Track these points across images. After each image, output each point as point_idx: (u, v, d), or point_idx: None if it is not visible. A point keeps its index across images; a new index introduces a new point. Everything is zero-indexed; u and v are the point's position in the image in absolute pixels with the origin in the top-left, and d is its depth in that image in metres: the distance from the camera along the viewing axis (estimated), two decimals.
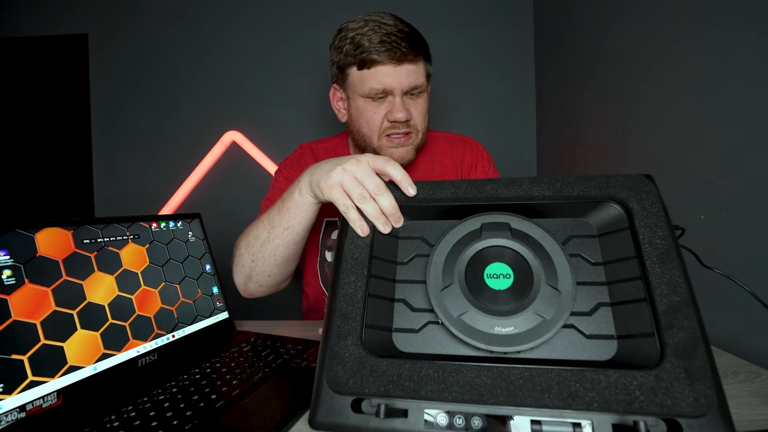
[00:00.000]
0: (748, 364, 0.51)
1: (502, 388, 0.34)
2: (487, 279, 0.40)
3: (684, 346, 0.33)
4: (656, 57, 0.80)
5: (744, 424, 0.38)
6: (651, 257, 0.37)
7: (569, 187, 0.43)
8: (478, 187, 0.45)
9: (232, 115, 1.51)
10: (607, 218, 0.42)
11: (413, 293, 0.43)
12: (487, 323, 0.38)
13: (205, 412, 0.43)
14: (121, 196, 1.54)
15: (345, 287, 0.42)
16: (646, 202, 0.40)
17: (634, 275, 0.38)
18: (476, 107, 1.48)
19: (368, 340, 0.39)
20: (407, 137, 0.74)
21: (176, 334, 0.60)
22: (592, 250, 0.42)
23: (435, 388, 0.34)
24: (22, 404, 0.41)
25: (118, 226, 0.57)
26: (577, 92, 1.16)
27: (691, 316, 0.34)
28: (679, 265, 0.37)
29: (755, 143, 0.58)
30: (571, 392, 0.32)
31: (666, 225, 0.39)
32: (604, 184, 0.42)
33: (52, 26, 1.53)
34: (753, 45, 0.58)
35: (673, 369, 0.32)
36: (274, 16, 1.49)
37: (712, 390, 0.31)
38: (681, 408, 0.30)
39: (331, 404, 0.36)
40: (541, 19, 1.40)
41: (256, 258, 0.65)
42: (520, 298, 0.39)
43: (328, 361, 0.38)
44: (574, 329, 0.38)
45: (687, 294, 0.35)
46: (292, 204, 0.59)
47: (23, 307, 0.43)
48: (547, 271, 0.39)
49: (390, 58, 0.68)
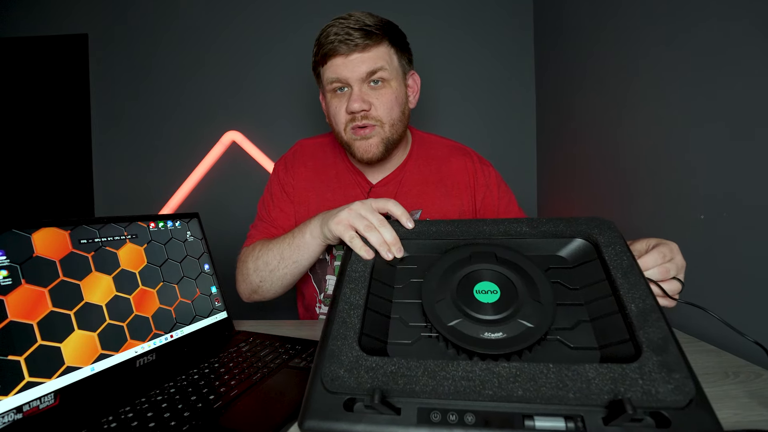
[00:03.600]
0: (748, 364, 0.51)
1: (492, 382, 0.35)
2: (476, 294, 0.44)
3: (657, 343, 0.36)
4: (656, 56, 0.80)
5: (744, 424, 0.38)
6: (618, 276, 0.43)
7: (544, 225, 0.51)
8: (466, 225, 0.53)
9: (232, 115, 1.51)
10: (576, 252, 0.49)
11: (408, 311, 0.46)
12: (477, 330, 0.40)
13: (203, 413, 0.42)
14: (121, 196, 1.54)
15: (345, 298, 0.45)
16: (609, 235, 0.48)
17: (606, 293, 0.43)
18: (476, 107, 1.48)
19: (365, 346, 0.40)
20: (371, 128, 0.72)
21: (174, 335, 0.60)
22: (568, 279, 0.47)
23: (427, 383, 0.35)
24: (19, 405, 0.41)
25: (115, 226, 0.57)
26: (577, 92, 1.16)
27: (659, 318, 0.38)
28: (641, 279, 0.42)
29: (755, 143, 0.58)
30: (560, 385, 0.34)
31: (627, 251, 0.45)
32: (573, 224, 0.50)
33: (52, 26, 1.53)
34: (753, 44, 0.58)
35: (650, 361, 0.34)
36: (273, 16, 1.49)
37: (689, 379, 0.33)
38: (661, 395, 0.32)
39: (322, 404, 0.36)
40: (541, 19, 1.40)
41: (264, 280, 0.72)
42: (506, 309, 0.42)
43: (325, 361, 0.38)
44: (559, 342, 0.41)
45: (652, 301, 0.40)
46: (302, 243, 0.66)
47: (20, 307, 0.43)
48: (529, 289, 0.43)
49: (341, 49, 0.69)
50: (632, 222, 0.91)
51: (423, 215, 0.80)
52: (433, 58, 1.46)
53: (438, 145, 0.87)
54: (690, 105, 0.71)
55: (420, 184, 0.82)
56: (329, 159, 0.85)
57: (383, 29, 0.71)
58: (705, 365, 0.51)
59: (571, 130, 1.20)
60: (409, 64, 0.78)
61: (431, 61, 1.45)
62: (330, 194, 0.81)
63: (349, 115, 0.72)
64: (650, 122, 0.83)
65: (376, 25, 0.71)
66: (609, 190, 1.01)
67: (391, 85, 0.73)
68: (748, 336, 0.45)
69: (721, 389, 0.45)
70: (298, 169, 0.84)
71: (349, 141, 0.74)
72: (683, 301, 0.49)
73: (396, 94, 0.73)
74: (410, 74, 0.79)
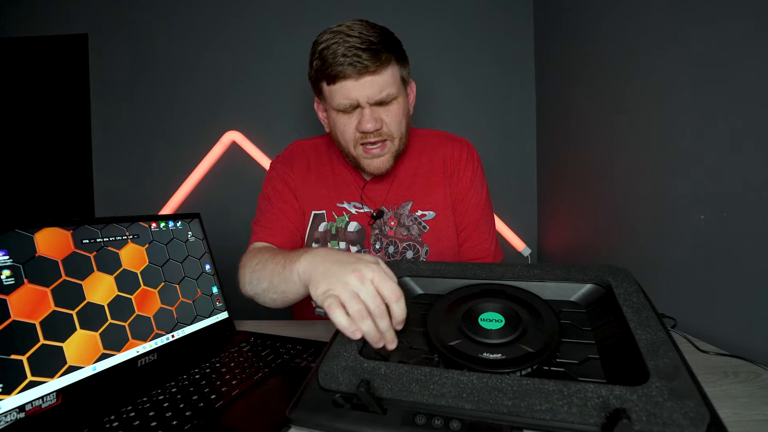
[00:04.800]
0: (748, 364, 0.51)
1: (483, 393, 0.33)
2: (481, 322, 0.44)
3: (666, 371, 0.33)
4: (657, 56, 0.80)
5: (744, 424, 0.38)
6: (628, 312, 0.42)
7: (557, 271, 0.51)
8: (483, 267, 0.54)
9: (232, 115, 1.51)
10: (589, 297, 0.50)
11: (412, 337, 0.47)
12: (477, 350, 0.41)
13: (204, 413, 0.43)
14: (121, 196, 1.54)
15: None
16: (623, 280, 0.48)
17: (617, 331, 0.42)
18: (476, 107, 1.48)
19: (367, 355, 0.41)
20: (383, 146, 0.74)
21: (176, 334, 0.60)
22: (580, 321, 0.47)
23: (414, 389, 0.35)
24: (22, 404, 0.41)
25: (117, 226, 0.57)
26: (577, 91, 1.16)
27: (670, 349, 0.36)
28: (655, 317, 0.40)
29: (755, 143, 0.58)
30: (555, 400, 0.31)
31: (640, 291, 0.45)
32: (587, 270, 0.51)
33: (52, 26, 1.53)
34: (754, 44, 0.58)
35: (658, 385, 0.32)
36: (273, 15, 1.49)
37: (703, 407, 0.29)
38: (670, 419, 0.29)
39: (313, 399, 0.37)
40: (541, 18, 1.40)
41: (257, 295, 0.68)
42: (509, 335, 0.42)
43: (324, 360, 0.40)
44: (565, 374, 0.39)
45: (664, 334, 0.38)
46: (290, 279, 0.57)
47: (22, 307, 0.43)
48: (535, 319, 0.43)
49: (352, 72, 0.68)
50: (632, 222, 0.91)
51: (413, 206, 0.82)
52: (433, 59, 1.46)
53: (431, 137, 0.88)
54: (690, 105, 0.71)
55: (412, 177, 0.83)
56: (324, 158, 0.87)
57: (388, 46, 0.70)
58: (705, 365, 0.51)
59: (571, 130, 1.20)
60: (408, 74, 0.78)
61: (431, 61, 1.46)
62: (325, 191, 0.83)
63: (360, 133, 0.73)
64: (650, 122, 0.83)
65: (383, 44, 0.69)
66: (609, 189, 1.01)
67: (399, 101, 0.74)
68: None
69: (721, 389, 0.45)
70: (295, 165, 0.86)
71: (359, 157, 0.76)
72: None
73: (403, 107, 0.75)
74: (409, 84, 0.80)
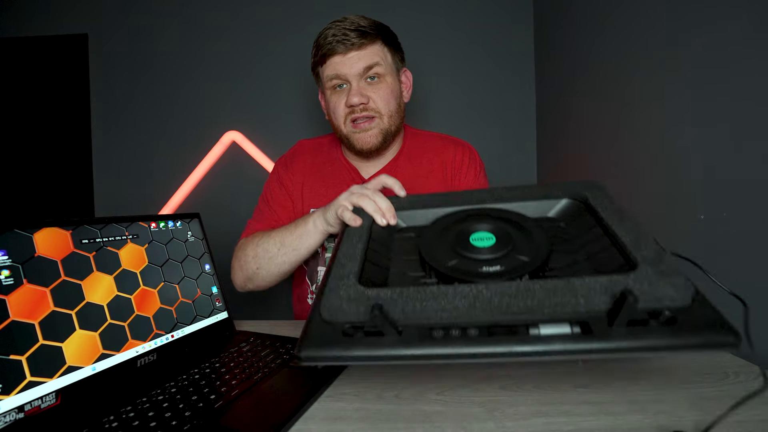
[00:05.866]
0: (748, 364, 0.51)
1: (496, 297, 0.34)
2: (473, 241, 0.45)
3: (652, 258, 0.36)
4: (657, 56, 0.80)
5: (745, 425, 0.38)
6: (609, 218, 0.44)
7: (534, 190, 0.53)
8: (460, 195, 0.54)
9: (232, 115, 1.51)
10: (567, 211, 0.51)
11: (407, 265, 0.47)
12: (476, 266, 0.41)
13: (204, 413, 0.42)
14: (121, 196, 1.54)
15: (345, 249, 0.45)
16: (597, 192, 0.50)
17: (599, 235, 0.44)
18: (476, 107, 1.48)
19: (365, 284, 0.40)
20: (370, 121, 0.77)
21: (175, 334, 0.60)
22: (561, 232, 0.49)
23: (430, 304, 0.35)
24: (21, 405, 0.41)
25: (116, 226, 0.57)
26: (577, 92, 1.16)
27: (651, 243, 0.38)
28: (633, 222, 0.42)
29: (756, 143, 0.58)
30: (565, 293, 0.34)
31: (614, 203, 0.47)
32: (563, 188, 0.52)
33: (52, 26, 1.53)
34: (754, 44, 0.58)
35: (647, 269, 0.35)
36: (273, 16, 1.49)
37: (689, 282, 0.33)
38: (665, 295, 0.32)
39: (320, 334, 0.35)
40: (541, 18, 1.40)
41: (261, 267, 0.74)
42: (503, 249, 0.43)
43: (324, 296, 0.38)
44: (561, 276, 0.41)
45: (645, 233, 0.40)
46: (304, 231, 0.68)
47: (21, 307, 0.43)
48: (523, 233, 0.45)
49: (338, 48, 0.74)
50: None
51: None
52: (432, 59, 1.46)
53: (432, 139, 0.89)
54: (690, 104, 0.71)
55: (411, 178, 0.84)
56: (326, 156, 0.88)
57: (377, 29, 0.77)
58: (705, 365, 0.51)
59: (571, 130, 1.20)
60: (402, 61, 0.83)
61: (431, 61, 1.45)
62: (323, 189, 0.85)
63: (348, 108, 0.77)
64: (650, 122, 0.83)
65: (370, 26, 0.76)
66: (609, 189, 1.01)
67: (387, 80, 0.78)
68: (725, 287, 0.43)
69: (721, 389, 0.45)
70: (297, 166, 0.87)
71: (348, 134, 0.79)
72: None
73: (391, 88, 0.79)
74: (403, 71, 0.84)
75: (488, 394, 0.46)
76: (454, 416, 0.42)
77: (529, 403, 0.44)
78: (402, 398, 0.47)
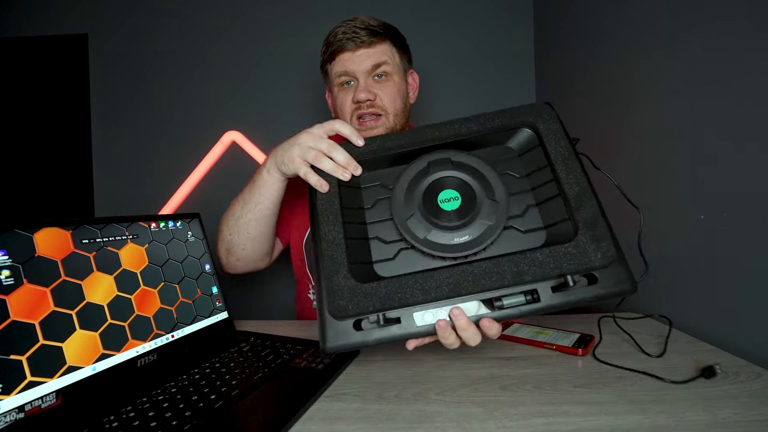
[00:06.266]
0: (748, 364, 0.51)
1: (468, 281, 0.44)
2: (441, 203, 0.49)
3: (589, 220, 0.45)
4: (657, 56, 0.80)
5: (745, 425, 0.38)
6: (558, 162, 0.49)
7: (491, 120, 0.54)
8: (419, 133, 0.55)
9: (232, 115, 1.51)
10: (522, 141, 0.54)
11: (383, 230, 0.52)
12: (447, 237, 0.47)
13: (204, 413, 0.42)
14: (121, 196, 1.54)
15: (326, 235, 0.50)
16: (549, 122, 0.53)
17: (549, 179, 0.50)
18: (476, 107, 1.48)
19: (355, 274, 0.46)
20: (376, 119, 0.78)
21: (175, 334, 0.60)
22: (516, 168, 0.53)
23: (418, 294, 0.44)
24: (21, 405, 0.41)
25: (117, 226, 0.57)
26: (577, 92, 1.16)
27: (590, 198, 0.46)
28: (578, 165, 0.49)
29: (756, 143, 0.58)
30: (519, 271, 0.43)
31: (566, 137, 0.51)
32: (516, 114, 0.54)
33: (52, 26, 1.53)
34: (754, 44, 0.58)
35: (584, 237, 0.44)
36: (274, 15, 1.49)
37: (611, 246, 0.43)
38: (593, 261, 0.42)
39: (336, 329, 0.44)
40: (541, 18, 1.40)
41: (232, 231, 0.74)
42: (469, 213, 0.48)
43: (326, 297, 0.45)
44: (513, 229, 0.49)
45: (586, 183, 0.47)
46: (261, 182, 0.67)
47: (22, 307, 0.43)
48: (485, 189, 0.49)
49: (348, 45, 0.76)
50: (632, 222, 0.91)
51: None
52: (432, 58, 1.46)
53: None
54: (690, 104, 0.71)
55: None
56: None
57: (386, 29, 0.78)
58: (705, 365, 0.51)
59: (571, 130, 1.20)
60: (409, 63, 0.85)
61: (430, 61, 1.45)
62: None
63: (355, 104, 0.78)
64: (650, 122, 0.83)
65: (380, 26, 0.78)
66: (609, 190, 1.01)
67: (394, 79, 0.79)
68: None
69: (722, 389, 0.45)
70: None
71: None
72: (606, 173, 0.60)
73: (398, 87, 0.80)
74: (410, 72, 0.85)
75: (488, 394, 0.46)
76: (454, 416, 0.42)
77: (529, 403, 0.44)
78: (402, 398, 0.47)
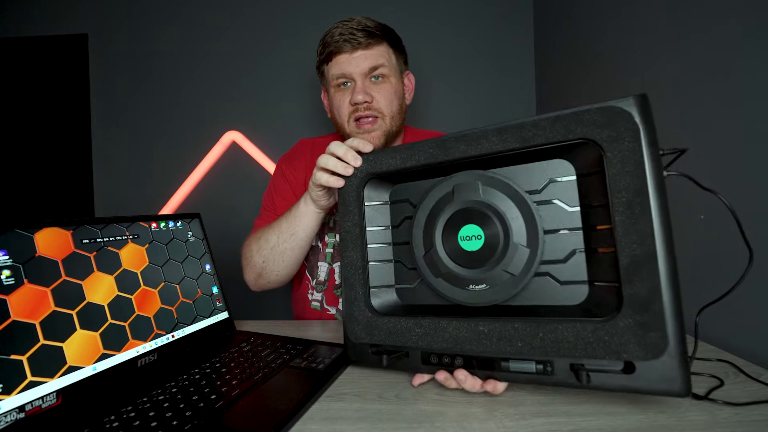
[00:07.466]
0: (748, 364, 0.51)
1: (473, 340, 0.43)
2: (461, 241, 0.46)
3: (640, 300, 0.35)
4: (657, 56, 0.80)
5: (745, 425, 0.38)
6: (619, 205, 0.36)
7: (538, 133, 0.40)
8: (448, 148, 0.46)
9: (232, 115, 1.51)
10: (586, 157, 0.39)
11: (406, 255, 0.52)
12: (464, 282, 0.45)
13: (204, 413, 0.42)
14: (121, 196, 1.54)
15: (347, 258, 0.52)
16: (621, 140, 0.36)
17: (604, 222, 0.38)
18: (476, 107, 1.48)
19: (375, 298, 0.51)
20: (374, 122, 0.78)
21: (176, 334, 0.60)
22: (569, 194, 0.41)
23: (424, 340, 0.46)
24: (21, 404, 0.41)
25: (117, 226, 0.57)
26: (577, 92, 1.16)
27: (653, 270, 0.34)
28: (650, 210, 0.35)
29: (756, 143, 0.58)
30: (532, 341, 0.39)
31: (643, 160, 0.35)
32: (574, 124, 0.38)
33: (52, 26, 1.53)
34: (752, 44, 0.58)
35: (625, 321, 0.35)
36: (274, 16, 1.49)
37: (664, 338, 0.33)
38: (630, 353, 0.34)
39: (356, 349, 0.51)
40: (541, 19, 1.40)
41: (266, 259, 0.74)
42: (491, 257, 0.44)
43: (347, 323, 0.51)
44: (549, 277, 0.42)
45: (653, 247, 0.35)
46: (297, 213, 0.69)
47: (22, 307, 0.43)
48: (514, 227, 0.42)
49: (345, 47, 0.76)
50: None
51: None
52: (432, 60, 1.46)
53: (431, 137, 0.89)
54: (690, 104, 0.71)
55: None
56: None
57: (383, 31, 0.78)
58: (705, 365, 0.51)
59: None
60: (405, 64, 0.85)
61: (430, 62, 1.45)
62: None
63: (352, 106, 0.77)
64: None
65: (377, 27, 0.77)
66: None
67: (391, 81, 0.79)
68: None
69: (722, 389, 0.45)
70: (299, 162, 0.88)
71: (352, 133, 0.79)
72: (720, 196, 0.43)
73: (395, 89, 0.80)
74: (406, 74, 0.85)
75: (488, 394, 0.47)
76: (454, 416, 0.42)
77: (529, 403, 0.44)
78: (402, 398, 0.47)
